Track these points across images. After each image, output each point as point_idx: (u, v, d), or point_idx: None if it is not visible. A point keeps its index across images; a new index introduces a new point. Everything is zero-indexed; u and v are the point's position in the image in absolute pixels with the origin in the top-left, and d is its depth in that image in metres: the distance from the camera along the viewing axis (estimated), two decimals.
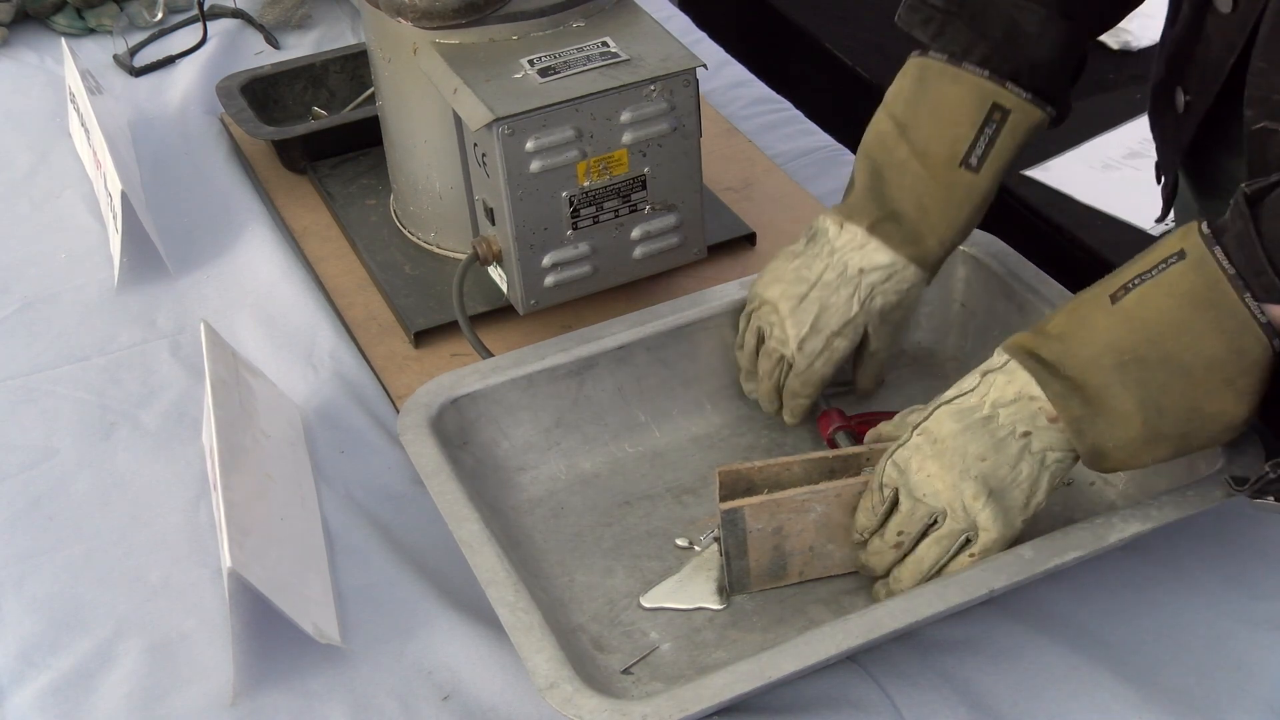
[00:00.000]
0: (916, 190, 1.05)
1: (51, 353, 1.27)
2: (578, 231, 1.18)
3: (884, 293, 1.07)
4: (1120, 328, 0.88)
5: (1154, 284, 0.88)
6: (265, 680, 0.96)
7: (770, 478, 0.98)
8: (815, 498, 0.96)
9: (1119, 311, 0.89)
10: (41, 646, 0.99)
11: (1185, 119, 1.11)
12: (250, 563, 0.92)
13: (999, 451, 0.91)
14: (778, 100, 1.65)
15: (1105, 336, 0.89)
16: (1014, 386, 0.91)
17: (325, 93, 1.59)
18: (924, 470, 0.93)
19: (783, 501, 0.96)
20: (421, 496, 1.06)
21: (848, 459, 0.99)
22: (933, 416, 0.94)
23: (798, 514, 0.96)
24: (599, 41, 1.17)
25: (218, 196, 1.47)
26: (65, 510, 1.10)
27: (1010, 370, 0.92)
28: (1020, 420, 0.91)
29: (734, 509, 0.96)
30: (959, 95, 1.05)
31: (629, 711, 0.84)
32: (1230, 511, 0.99)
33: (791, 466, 0.98)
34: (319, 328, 1.28)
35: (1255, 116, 0.98)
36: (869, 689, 0.93)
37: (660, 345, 1.13)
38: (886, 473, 0.94)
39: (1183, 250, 0.87)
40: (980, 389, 0.93)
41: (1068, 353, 0.90)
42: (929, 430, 0.93)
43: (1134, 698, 0.91)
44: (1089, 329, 0.90)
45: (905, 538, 0.94)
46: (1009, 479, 0.92)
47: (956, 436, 0.92)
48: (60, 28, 1.78)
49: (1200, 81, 1.07)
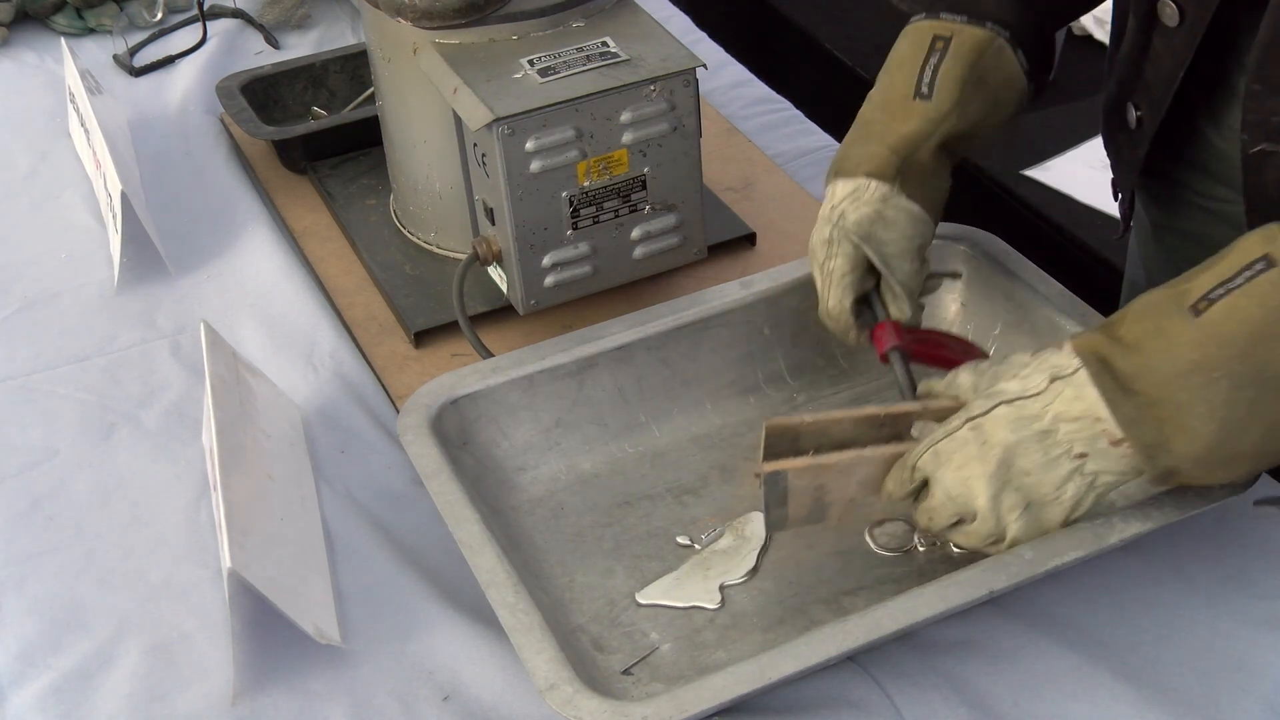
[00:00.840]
0: (879, 134, 1.08)
1: (51, 353, 1.27)
2: (578, 231, 1.18)
3: (851, 210, 1.07)
4: (1209, 343, 0.85)
5: (1241, 294, 0.84)
6: (265, 680, 0.96)
7: (818, 431, 0.96)
8: (861, 461, 0.94)
9: (1204, 325, 0.85)
10: (42, 647, 0.99)
11: (1138, 135, 1.11)
12: (250, 563, 0.92)
13: (1047, 471, 0.90)
14: (778, 100, 1.65)
15: (1190, 353, 0.85)
16: (1081, 404, 0.88)
17: (325, 93, 1.59)
18: (964, 470, 0.91)
19: (827, 466, 0.94)
20: (421, 496, 1.06)
21: (899, 417, 0.96)
22: (990, 416, 0.91)
23: (841, 475, 0.95)
24: (599, 41, 1.17)
25: (218, 196, 1.47)
26: (65, 510, 1.10)
27: (1079, 384, 0.88)
28: (1079, 440, 0.88)
29: (777, 472, 0.93)
30: (908, 44, 1.08)
31: (629, 712, 0.84)
32: (1230, 511, 0.99)
33: (841, 422, 0.96)
34: (319, 328, 1.28)
35: (1253, 140, 0.98)
36: (869, 689, 0.93)
37: (660, 345, 1.13)
38: (923, 459, 0.92)
39: (1268, 256, 0.84)
40: (1045, 397, 0.90)
41: (1146, 367, 0.87)
42: (982, 429, 0.91)
43: (1134, 698, 0.91)
44: (1169, 342, 0.86)
45: (934, 525, 0.93)
46: (1051, 498, 0.90)
47: (1008, 447, 0.90)
48: (60, 28, 1.78)
49: (1151, 96, 1.08)
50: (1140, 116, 1.10)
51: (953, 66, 1.06)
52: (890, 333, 1.07)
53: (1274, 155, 0.96)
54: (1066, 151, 1.85)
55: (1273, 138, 0.96)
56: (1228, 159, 1.07)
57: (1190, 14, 1.00)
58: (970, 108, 1.07)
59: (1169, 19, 1.02)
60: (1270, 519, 1.02)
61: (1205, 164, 1.11)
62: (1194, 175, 1.13)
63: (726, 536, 1.04)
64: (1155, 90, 1.07)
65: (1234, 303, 0.85)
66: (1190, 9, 1.00)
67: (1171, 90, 1.04)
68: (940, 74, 1.06)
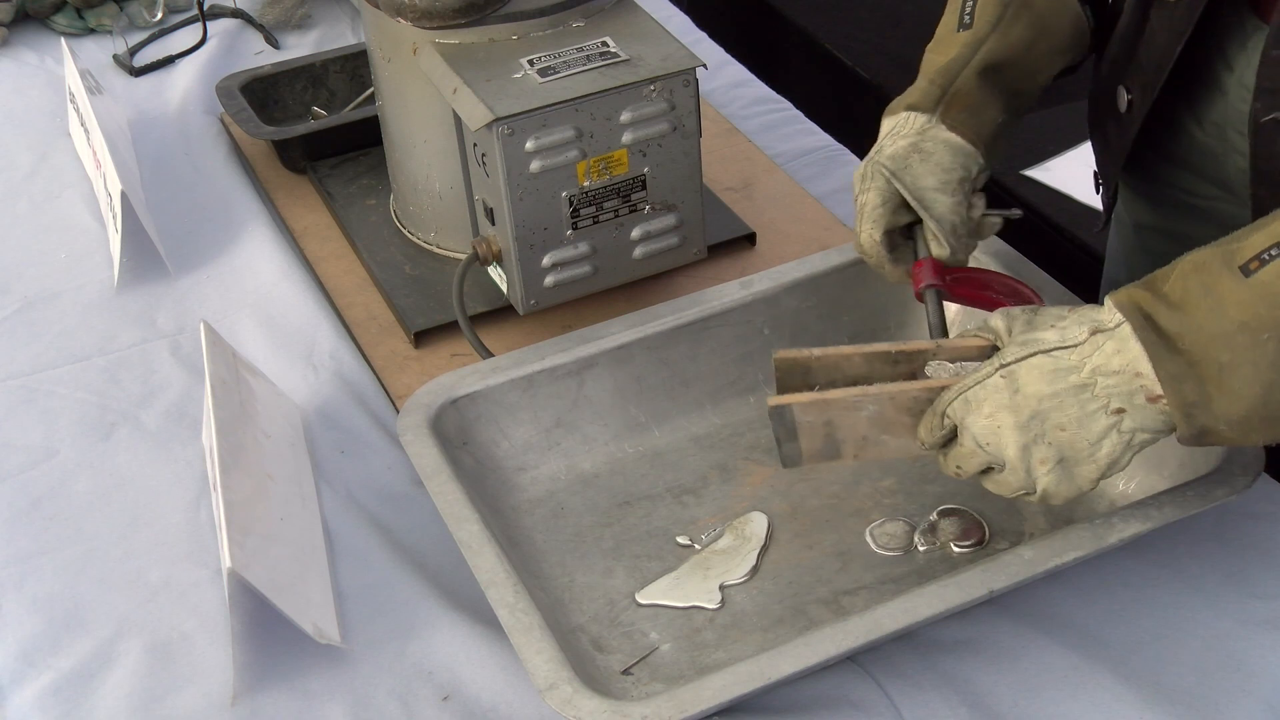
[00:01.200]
0: (924, 68, 1.09)
1: (51, 353, 1.27)
2: (578, 231, 1.18)
3: (888, 144, 1.07)
4: (1259, 303, 0.82)
5: None
6: (265, 680, 0.96)
7: (829, 366, 0.94)
8: (867, 399, 0.92)
9: (1255, 285, 0.83)
10: (42, 646, 0.99)
11: (1128, 119, 1.10)
12: (250, 563, 0.92)
13: (1083, 426, 0.87)
14: (778, 100, 1.65)
15: (1238, 313, 0.83)
16: (1122, 358, 0.85)
17: (325, 93, 1.59)
18: (995, 419, 0.88)
19: (832, 401, 0.92)
20: (421, 496, 1.06)
21: (912, 354, 0.94)
22: (1025, 364, 0.88)
23: (849, 411, 0.93)
24: (599, 41, 1.17)
25: (218, 196, 1.47)
26: (65, 510, 1.10)
27: (1122, 338, 0.86)
28: (1117, 395, 0.86)
29: (781, 405, 0.92)
30: None
31: (628, 712, 0.84)
32: (1230, 511, 0.99)
33: (852, 357, 0.94)
34: (319, 328, 1.28)
35: (1265, 108, 0.97)
36: (869, 689, 0.93)
37: (660, 345, 1.13)
38: (954, 405, 0.90)
39: None
40: (1084, 349, 0.87)
41: (1192, 325, 0.84)
42: (1015, 377, 0.88)
43: (1134, 698, 0.91)
44: (1217, 300, 0.84)
45: (963, 473, 0.91)
46: (1085, 454, 0.88)
47: (1043, 399, 0.87)
48: (60, 28, 1.78)
49: (1144, 77, 1.07)
50: (1131, 99, 1.09)
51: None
52: (928, 270, 1.04)
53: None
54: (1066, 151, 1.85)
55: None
56: (1210, 154, 1.07)
57: None
58: (1012, 30, 1.06)
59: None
60: (1270, 519, 1.02)
61: (1188, 159, 1.11)
62: (1177, 171, 1.13)
63: (726, 536, 1.04)
64: (1148, 71, 1.06)
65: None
66: None
67: (1165, 70, 1.04)
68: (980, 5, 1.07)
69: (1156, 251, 1.20)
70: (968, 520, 1.04)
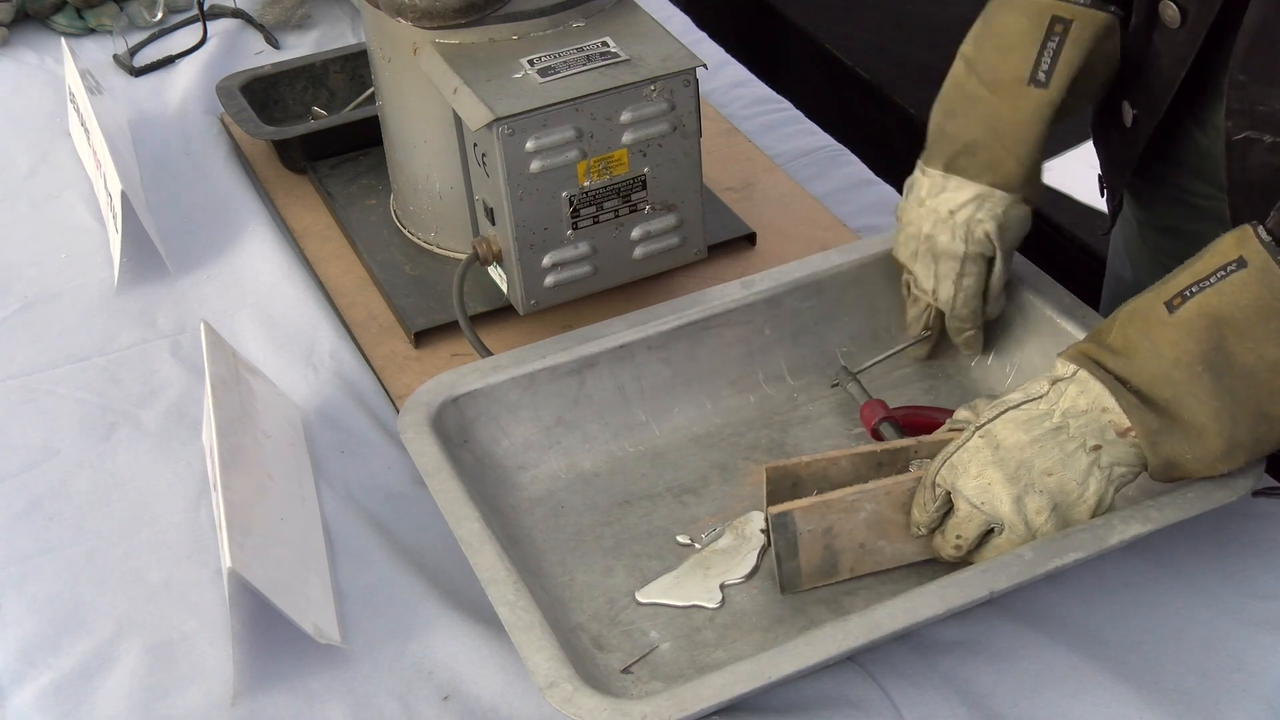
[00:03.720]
0: (988, 117, 1.06)
1: (51, 353, 1.27)
2: (578, 231, 1.18)
3: (980, 222, 1.07)
4: (1184, 339, 0.87)
5: (1214, 292, 0.87)
6: (265, 680, 0.96)
7: (817, 473, 0.98)
8: (865, 497, 0.95)
9: (1180, 323, 0.87)
10: (42, 646, 0.99)
11: (1133, 134, 1.11)
12: (250, 563, 0.92)
13: (1067, 467, 0.90)
14: (778, 100, 1.65)
15: (1171, 351, 0.87)
16: (1087, 397, 0.90)
17: (325, 93, 1.59)
18: (983, 477, 0.91)
19: (832, 502, 0.95)
20: (421, 496, 1.06)
21: (895, 452, 0.98)
22: (999, 421, 0.92)
23: (848, 514, 0.96)
24: (599, 41, 1.17)
25: (218, 196, 1.47)
26: (65, 510, 1.10)
27: (1082, 380, 0.90)
28: (1090, 433, 0.90)
29: (784, 512, 0.95)
30: (1018, 20, 1.05)
31: (629, 711, 0.84)
32: (1230, 511, 0.99)
33: (839, 461, 0.98)
34: (319, 328, 1.28)
35: (1237, 127, 0.99)
36: (869, 689, 0.93)
37: (661, 344, 1.13)
38: (941, 474, 0.93)
39: (1242, 258, 0.86)
40: (1051, 396, 0.91)
41: (1134, 368, 0.89)
42: (993, 435, 0.92)
43: (1134, 698, 0.91)
44: (1151, 342, 0.89)
45: (964, 542, 0.94)
46: (1076, 495, 0.91)
47: (1024, 448, 0.90)
48: (60, 27, 1.78)
49: (1149, 96, 1.08)
50: (1136, 115, 1.10)
51: (1072, 54, 1.03)
52: (879, 408, 1.10)
53: (1257, 143, 0.98)
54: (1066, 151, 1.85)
55: (1257, 126, 0.97)
56: (1212, 156, 1.07)
57: (1192, 15, 1.00)
58: (1079, 95, 1.06)
59: (1170, 20, 1.02)
60: (1270, 519, 1.02)
61: (1190, 162, 1.12)
62: (1180, 173, 1.14)
63: (726, 536, 1.04)
64: (1154, 90, 1.07)
65: (1206, 299, 0.87)
66: (1192, 10, 1.00)
67: (1171, 91, 1.05)
68: (1060, 61, 1.03)
69: (1160, 248, 1.20)
70: None
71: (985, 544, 0.94)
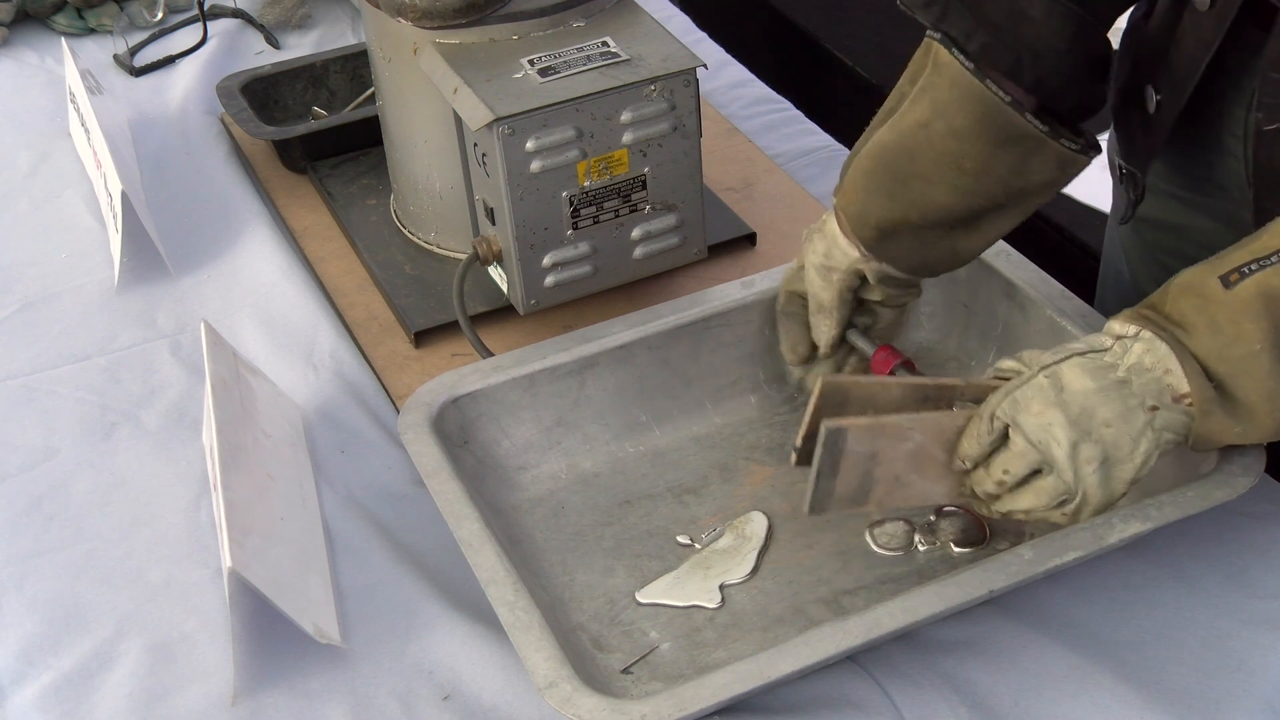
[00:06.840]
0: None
1: (51, 353, 1.27)
2: (578, 231, 1.18)
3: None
4: (1243, 318, 0.86)
5: (1274, 272, 0.86)
6: (265, 680, 0.96)
7: (866, 396, 0.96)
8: (917, 426, 0.93)
9: (1237, 300, 0.86)
10: (42, 646, 0.99)
11: (1156, 120, 1.10)
12: (250, 563, 0.92)
13: (1126, 422, 0.89)
14: (778, 100, 1.65)
15: (1230, 329, 0.87)
16: (1153, 356, 0.89)
17: (325, 93, 1.59)
18: (1044, 416, 0.89)
19: (886, 426, 0.93)
20: (421, 496, 1.06)
21: (942, 388, 0.96)
22: (1066, 364, 0.90)
23: (895, 441, 0.94)
24: (599, 41, 1.17)
25: (218, 196, 1.48)
26: (65, 510, 1.10)
27: (1148, 340, 0.89)
28: (1150, 393, 0.89)
29: (839, 428, 0.92)
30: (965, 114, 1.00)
31: (628, 711, 0.84)
32: (1230, 511, 0.99)
33: (890, 388, 0.96)
34: (319, 328, 1.28)
35: (1268, 119, 0.98)
36: (869, 689, 0.93)
37: (661, 345, 1.13)
38: (1001, 406, 0.91)
39: None
40: (1116, 350, 0.90)
41: (1192, 341, 0.88)
42: (1059, 376, 0.90)
43: (1134, 698, 0.91)
44: (1208, 317, 0.88)
45: (1010, 478, 0.92)
46: (1127, 451, 0.89)
47: (1090, 395, 0.89)
48: (60, 27, 1.78)
49: (1173, 81, 1.07)
50: (1160, 101, 1.09)
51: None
52: (890, 354, 1.08)
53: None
54: None
55: None
56: (1224, 148, 1.07)
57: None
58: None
59: (1200, 2, 1.01)
60: (1270, 519, 1.02)
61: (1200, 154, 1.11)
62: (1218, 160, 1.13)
63: (726, 536, 1.04)
64: (1178, 75, 1.06)
65: (1265, 279, 0.86)
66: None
67: (1195, 76, 1.03)
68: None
69: (1153, 242, 1.20)
70: (968, 520, 1.04)
71: (1024, 485, 0.92)
